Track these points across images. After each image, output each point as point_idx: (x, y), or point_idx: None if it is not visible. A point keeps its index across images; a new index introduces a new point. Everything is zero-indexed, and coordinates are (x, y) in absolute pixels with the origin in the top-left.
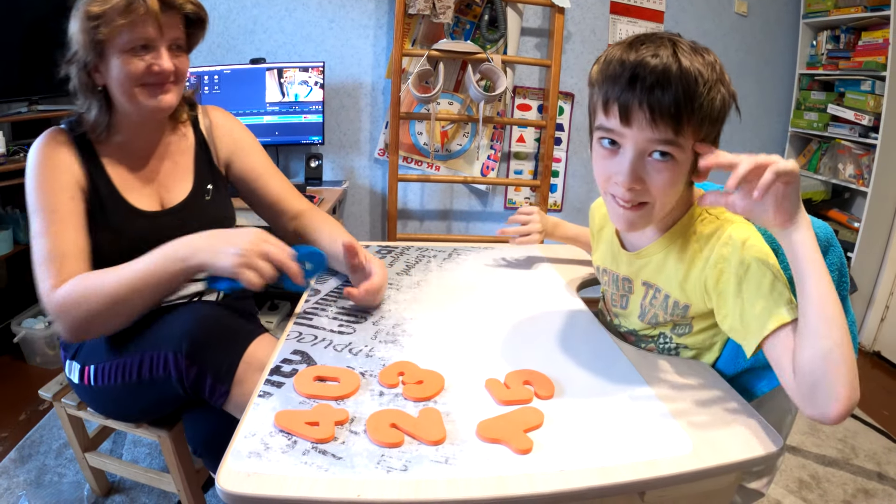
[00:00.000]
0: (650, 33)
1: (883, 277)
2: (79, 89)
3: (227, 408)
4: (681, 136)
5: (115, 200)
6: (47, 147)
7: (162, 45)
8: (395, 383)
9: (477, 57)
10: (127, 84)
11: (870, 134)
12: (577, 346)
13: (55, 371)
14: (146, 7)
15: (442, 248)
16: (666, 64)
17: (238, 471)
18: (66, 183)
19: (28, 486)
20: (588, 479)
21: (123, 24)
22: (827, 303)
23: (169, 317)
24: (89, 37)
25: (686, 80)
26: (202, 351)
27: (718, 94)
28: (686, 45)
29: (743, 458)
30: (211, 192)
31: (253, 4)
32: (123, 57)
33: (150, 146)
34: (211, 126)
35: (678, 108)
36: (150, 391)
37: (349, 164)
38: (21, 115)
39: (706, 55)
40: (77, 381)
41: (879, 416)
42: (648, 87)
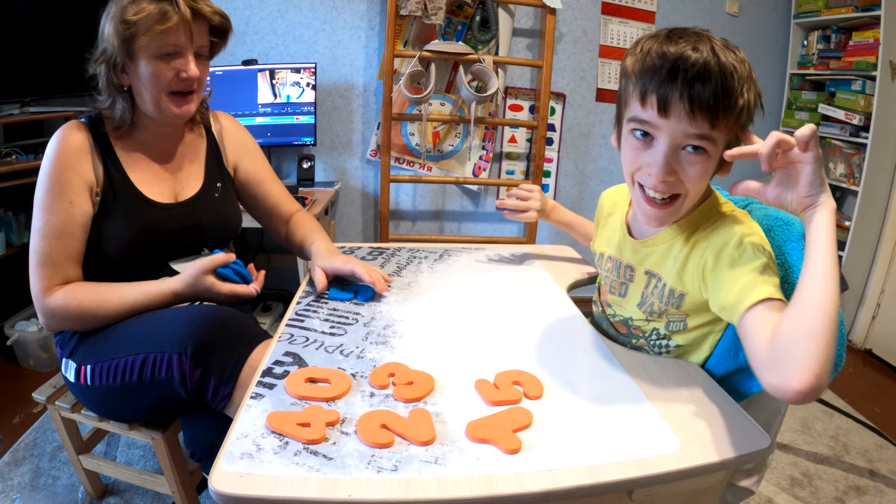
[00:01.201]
0: (682, 28)
1: (874, 276)
2: (105, 87)
3: (228, 411)
4: (715, 130)
5: (130, 192)
6: (63, 143)
7: (189, 52)
8: (386, 384)
9: (468, 58)
10: (155, 90)
11: (860, 133)
12: (567, 346)
13: (49, 374)
14: (180, 16)
15: (433, 249)
16: (706, 58)
17: (230, 472)
18: (72, 186)
19: (22, 489)
20: (577, 478)
21: (159, 32)
22: (825, 282)
23: (171, 317)
24: (122, 40)
25: (724, 75)
26: (207, 353)
27: (752, 90)
28: (719, 41)
29: (730, 457)
30: (220, 189)
31: (245, 6)
32: (153, 62)
33: (167, 145)
34: (222, 130)
35: (717, 101)
36: (150, 392)
37: (341, 165)
38: (13, 117)
39: (737, 52)
40: (73, 380)
41: (871, 414)
42: (689, 80)
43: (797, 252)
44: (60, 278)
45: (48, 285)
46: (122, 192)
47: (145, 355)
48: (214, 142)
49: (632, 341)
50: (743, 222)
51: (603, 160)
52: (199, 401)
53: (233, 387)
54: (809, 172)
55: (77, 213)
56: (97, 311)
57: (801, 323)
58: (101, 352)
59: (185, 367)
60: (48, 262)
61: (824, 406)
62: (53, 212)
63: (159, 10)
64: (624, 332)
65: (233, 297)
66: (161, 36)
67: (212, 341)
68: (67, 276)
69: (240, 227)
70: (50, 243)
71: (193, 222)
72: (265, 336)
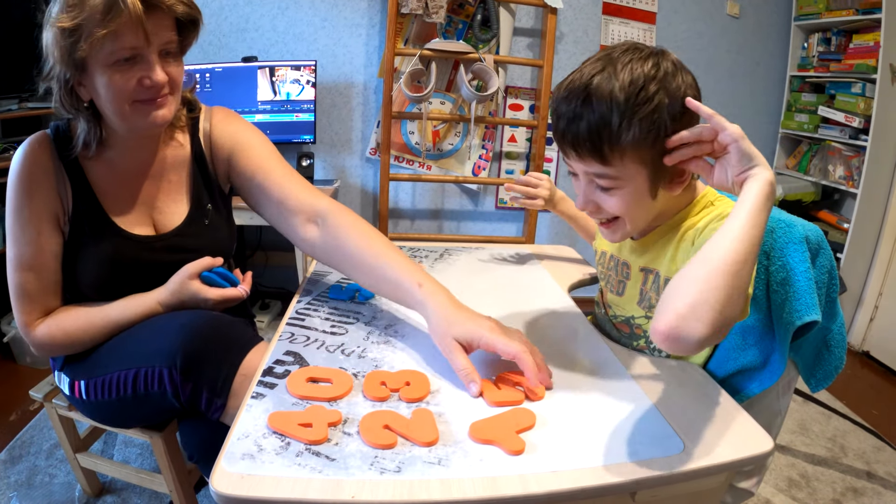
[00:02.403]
0: (593, 58)
1: (872, 278)
2: (63, 106)
3: (224, 419)
4: (612, 166)
5: (102, 224)
6: (26, 162)
7: (150, 53)
8: (386, 395)
9: (469, 57)
10: (116, 102)
11: (860, 136)
12: (569, 346)
13: (45, 371)
14: (128, 13)
15: (433, 249)
16: (578, 103)
17: (232, 472)
18: (38, 215)
19: (19, 487)
20: (580, 479)
21: (104, 35)
22: (729, 240)
23: (159, 328)
24: (66, 52)
25: (599, 115)
26: (197, 366)
27: (644, 115)
28: (617, 67)
29: (733, 459)
30: (209, 212)
31: (245, 2)
32: (108, 72)
33: (142, 163)
34: (210, 134)
35: (593, 142)
36: (146, 404)
37: (340, 164)
38: (11, 113)
39: (638, 76)
40: (68, 393)
41: (868, 416)
42: (566, 125)
43: (799, 254)
44: (41, 311)
45: (29, 319)
46: (93, 223)
47: (136, 370)
48: (201, 151)
49: (633, 343)
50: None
51: None
52: (193, 412)
53: (226, 398)
54: (736, 149)
55: (46, 244)
56: (84, 337)
57: (687, 271)
58: (94, 367)
59: (176, 380)
60: (25, 295)
61: (822, 408)
62: (22, 243)
63: (104, 8)
64: (627, 332)
65: (222, 302)
66: (110, 39)
67: (201, 352)
68: (48, 307)
69: (233, 247)
70: (24, 276)
71: (177, 257)
72: (257, 340)
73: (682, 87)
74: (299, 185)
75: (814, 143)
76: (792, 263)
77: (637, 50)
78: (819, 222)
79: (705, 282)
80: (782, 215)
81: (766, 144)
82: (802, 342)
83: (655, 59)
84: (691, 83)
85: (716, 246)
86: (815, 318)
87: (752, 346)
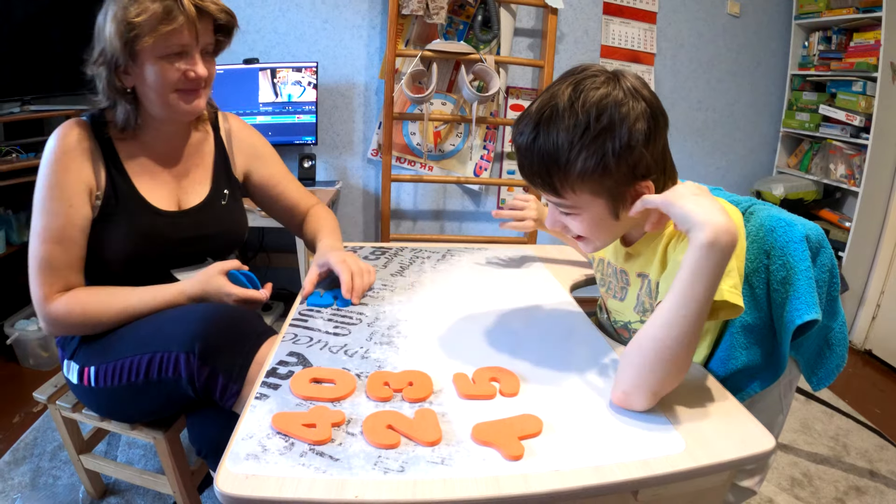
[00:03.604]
0: (545, 91)
1: (874, 276)
2: (106, 90)
3: (236, 408)
4: (565, 198)
5: (132, 197)
6: (62, 144)
7: (195, 51)
8: (389, 396)
9: (470, 57)
10: (162, 90)
11: (861, 134)
12: (571, 345)
13: (49, 373)
14: (186, 15)
15: (436, 249)
16: (527, 140)
17: (236, 473)
18: (72, 188)
19: (23, 488)
20: (582, 478)
21: (167, 32)
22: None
23: (178, 316)
24: (125, 42)
25: (545, 153)
26: (215, 352)
27: (591, 154)
28: (563, 104)
29: (735, 458)
30: (227, 197)
31: (246, 4)
32: (159, 63)
33: (173, 146)
34: (230, 133)
35: (543, 178)
36: (156, 392)
37: (342, 165)
38: (13, 116)
39: (584, 113)
40: (76, 382)
41: (871, 415)
42: (521, 159)
43: (799, 253)
44: (62, 285)
45: (49, 292)
46: (124, 198)
47: (151, 355)
48: (222, 145)
49: None
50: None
51: None
52: (207, 399)
53: (241, 384)
54: (673, 215)
55: (77, 217)
56: (101, 317)
57: (629, 352)
58: (106, 352)
59: (193, 366)
60: (48, 267)
61: (824, 406)
62: (52, 215)
63: (164, 9)
64: (626, 336)
65: (242, 301)
66: (166, 36)
67: (220, 340)
68: (69, 283)
69: (245, 234)
70: (50, 248)
71: (198, 232)
72: (271, 332)
73: (631, 117)
74: (303, 194)
75: (815, 141)
76: (792, 262)
77: (590, 78)
78: (820, 221)
79: (640, 367)
80: (783, 214)
81: (767, 143)
82: (804, 341)
83: (606, 88)
84: (642, 111)
85: (649, 332)
86: (816, 317)
87: (753, 344)
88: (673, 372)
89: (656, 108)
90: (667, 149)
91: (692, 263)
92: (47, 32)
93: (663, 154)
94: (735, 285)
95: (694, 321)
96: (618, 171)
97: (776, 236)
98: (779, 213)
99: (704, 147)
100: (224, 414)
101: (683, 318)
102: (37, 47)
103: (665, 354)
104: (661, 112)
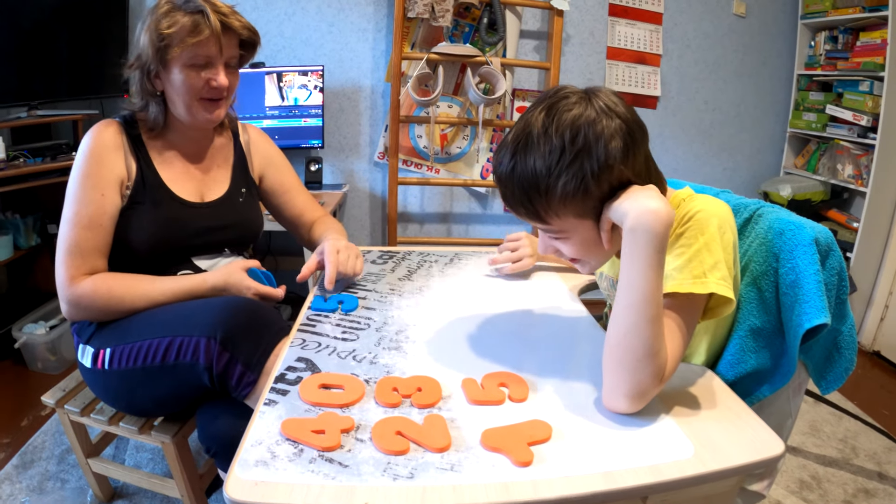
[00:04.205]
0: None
1: (882, 277)
2: (139, 91)
3: (249, 400)
4: (553, 223)
5: (160, 188)
6: (97, 139)
7: (219, 63)
8: (398, 402)
9: (476, 60)
10: (187, 96)
11: (868, 134)
12: (579, 350)
13: (57, 377)
14: (211, 29)
15: (443, 253)
16: (506, 170)
17: (245, 479)
18: (105, 179)
19: (31, 492)
20: (591, 484)
21: (193, 44)
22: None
23: (200, 304)
24: (157, 50)
25: (524, 181)
26: (236, 339)
27: (568, 179)
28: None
29: (744, 462)
30: (244, 194)
31: (252, 8)
32: (186, 71)
33: (197, 147)
34: (249, 142)
35: (527, 207)
36: (170, 379)
37: (349, 168)
38: (21, 121)
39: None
40: (89, 366)
41: (879, 416)
42: (502, 192)
43: (808, 257)
44: (88, 268)
45: (76, 273)
46: (151, 188)
47: (171, 338)
48: (241, 150)
49: None
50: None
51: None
52: (222, 387)
53: (258, 374)
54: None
55: (108, 205)
56: (124, 297)
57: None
58: (125, 335)
59: (213, 350)
60: (77, 251)
61: (833, 409)
62: (85, 203)
63: (192, 23)
64: None
65: (259, 296)
66: (193, 47)
67: (241, 328)
68: (95, 267)
69: (261, 230)
70: (80, 233)
71: (217, 222)
72: (290, 329)
73: (606, 136)
74: (311, 205)
75: (822, 142)
76: (801, 266)
77: (563, 100)
78: (828, 222)
79: (607, 370)
80: (792, 217)
81: (774, 144)
82: (812, 344)
83: (579, 109)
84: (617, 128)
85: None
86: (825, 321)
87: (762, 348)
88: (637, 368)
89: (632, 123)
90: (650, 159)
91: (624, 252)
92: (54, 38)
93: (646, 165)
94: (723, 277)
95: (642, 310)
96: (599, 191)
97: (785, 239)
98: (787, 215)
99: (711, 148)
100: (235, 410)
101: (628, 309)
102: (43, 53)
103: (619, 352)
104: (637, 125)
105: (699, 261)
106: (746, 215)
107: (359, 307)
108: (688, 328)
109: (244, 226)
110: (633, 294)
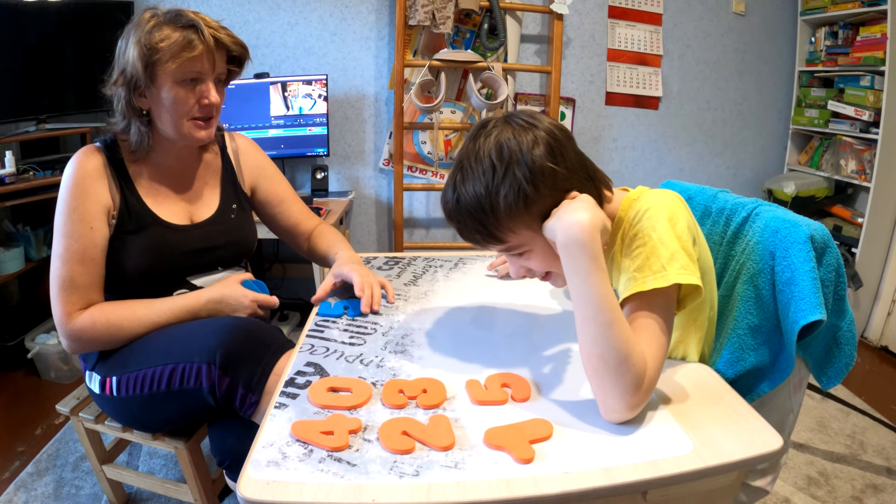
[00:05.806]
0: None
1: (888, 272)
2: (124, 110)
3: (255, 417)
4: (510, 239)
5: (145, 214)
6: (80, 169)
7: (210, 78)
8: (403, 403)
9: (478, 65)
10: (177, 115)
11: (871, 129)
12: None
13: (70, 386)
14: (205, 44)
15: (448, 258)
16: (452, 203)
17: (258, 479)
18: (91, 211)
19: (46, 499)
20: (592, 480)
21: (189, 58)
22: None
23: (198, 328)
24: (146, 64)
25: (470, 208)
26: (235, 363)
27: (507, 184)
28: (472, 156)
29: (742, 458)
30: (236, 210)
31: (255, 19)
32: (176, 88)
33: (183, 166)
34: (238, 151)
35: (480, 231)
36: (177, 402)
37: (354, 175)
38: (29, 135)
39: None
40: (98, 392)
41: (887, 411)
42: (456, 226)
43: (803, 254)
44: (84, 302)
45: (72, 309)
46: (137, 215)
47: (174, 365)
48: (229, 161)
49: None
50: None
51: (614, 163)
52: (227, 409)
53: (260, 394)
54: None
55: (97, 238)
56: (123, 324)
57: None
58: (128, 363)
59: (214, 376)
60: (72, 286)
61: (840, 405)
62: (75, 237)
63: (185, 38)
64: None
65: (255, 305)
66: (186, 63)
67: (240, 351)
68: (91, 300)
69: (255, 245)
70: (73, 268)
71: (209, 243)
72: (290, 345)
73: (527, 144)
74: (306, 214)
75: (825, 137)
76: (796, 264)
77: (484, 129)
78: (833, 217)
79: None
80: (788, 215)
81: (777, 141)
82: (812, 340)
83: (498, 131)
84: (535, 136)
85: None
86: (820, 318)
87: (761, 345)
88: (615, 376)
89: (552, 128)
90: (583, 157)
91: (564, 268)
92: (61, 53)
93: (581, 163)
94: (684, 266)
95: (598, 318)
96: (539, 195)
97: (780, 238)
98: (783, 214)
99: (714, 147)
100: (244, 424)
101: (586, 322)
102: (51, 67)
103: (593, 365)
104: (558, 128)
105: (656, 256)
106: (744, 214)
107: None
108: (663, 325)
109: (237, 243)
110: (586, 305)
